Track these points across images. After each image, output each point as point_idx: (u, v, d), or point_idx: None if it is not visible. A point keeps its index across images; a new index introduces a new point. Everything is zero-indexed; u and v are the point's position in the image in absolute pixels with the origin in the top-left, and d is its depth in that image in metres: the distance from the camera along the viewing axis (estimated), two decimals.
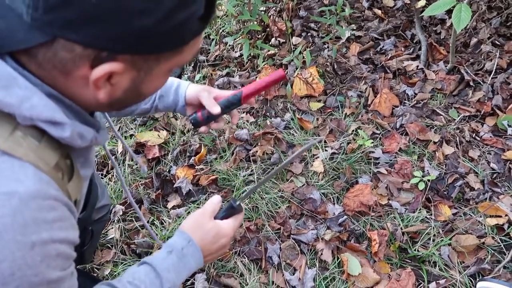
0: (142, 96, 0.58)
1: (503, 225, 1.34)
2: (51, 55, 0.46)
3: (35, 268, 0.46)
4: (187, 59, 0.55)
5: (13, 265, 0.44)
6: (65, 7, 0.43)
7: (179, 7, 0.46)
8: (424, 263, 1.28)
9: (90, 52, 0.46)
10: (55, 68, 0.47)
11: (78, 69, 0.47)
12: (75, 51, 0.45)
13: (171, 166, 1.59)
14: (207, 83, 1.88)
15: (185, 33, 0.50)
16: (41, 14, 0.43)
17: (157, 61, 0.51)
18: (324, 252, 1.31)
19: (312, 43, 2.03)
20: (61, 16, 0.43)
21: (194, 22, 0.50)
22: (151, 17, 0.45)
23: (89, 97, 0.52)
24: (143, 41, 0.47)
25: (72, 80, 0.49)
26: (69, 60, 0.46)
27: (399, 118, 1.69)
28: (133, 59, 0.49)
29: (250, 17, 1.72)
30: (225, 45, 2.04)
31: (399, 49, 2.01)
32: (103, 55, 0.46)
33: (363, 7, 2.24)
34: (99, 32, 0.44)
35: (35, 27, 0.44)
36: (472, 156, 1.56)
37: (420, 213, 1.40)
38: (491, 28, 1.99)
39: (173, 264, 0.73)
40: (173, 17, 0.46)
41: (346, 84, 1.85)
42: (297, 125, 1.68)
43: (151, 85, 0.56)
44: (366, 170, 1.53)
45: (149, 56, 0.50)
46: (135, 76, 0.51)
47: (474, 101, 1.74)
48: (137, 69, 0.50)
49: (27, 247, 0.45)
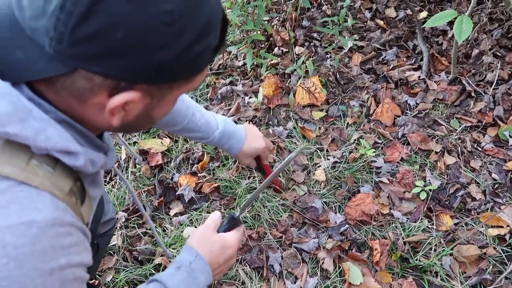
0: (152, 121, 0.60)
1: (504, 235, 1.35)
2: (69, 84, 0.47)
3: None
4: (197, 86, 0.58)
5: None
6: (91, 41, 0.44)
7: (197, 41, 0.49)
8: (426, 273, 1.28)
9: (109, 82, 0.47)
10: (71, 96, 0.48)
11: (95, 98, 0.49)
12: (94, 81, 0.47)
13: (174, 173, 1.60)
14: (210, 92, 1.90)
15: (199, 64, 0.52)
16: (65, 47, 0.44)
17: (170, 89, 0.53)
18: (326, 261, 1.31)
19: (314, 52, 2.05)
20: (85, 49, 0.44)
21: (209, 53, 0.52)
22: (171, 51, 0.47)
23: (102, 122, 0.53)
24: (161, 72, 0.49)
25: (87, 107, 0.50)
26: (87, 89, 0.47)
27: (401, 128, 1.70)
28: (149, 88, 0.50)
29: (253, 27, 1.74)
30: (228, 54, 2.06)
31: (401, 59, 2.02)
32: (122, 85, 0.48)
33: (366, 18, 2.27)
34: (121, 65, 0.46)
35: (57, 59, 0.45)
36: (473, 166, 1.57)
37: (422, 222, 1.40)
38: (493, 40, 2.01)
39: (183, 280, 0.73)
40: (190, 50, 0.49)
41: (348, 94, 1.86)
42: (299, 134, 1.70)
43: (161, 111, 0.58)
44: (368, 179, 1.54)
45: (164, 85, 0.52)
46: (148, 103, 0.53)
47: (476, 111, 1.75)
48: (151, 97, 0.52)
49: (46, 274, 0.46)
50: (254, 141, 1.15)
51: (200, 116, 1.07)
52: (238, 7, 1.76)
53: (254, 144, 1.14)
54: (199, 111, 1.07)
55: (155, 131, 1.77)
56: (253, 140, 1.15)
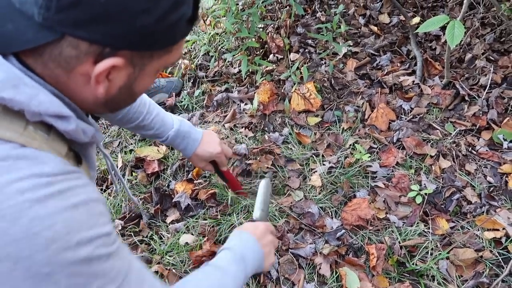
0: (133, 96, 0.63)
1: (500, 238, 1.35)
2: (57, 53, 0.50)
3: (86, 223, 0.50)
4: (173, 60, 0.62)
5: (66, 225, 0.48)
6: (76, 7, 0.47)
7: (173, 8, 0.53)
8: (423, 277, 1.28)
9: (94, 48, 0.51)
10: (59, 67, 0.52)
11: (81, 66, 0.52)
12: (80, 48, 0.50)
13: (170, 180, 1.60)
14: (206, 99, 1.90)
15: (176, 33, 0.57)
16: (53, 13, 0.47)
17: (151, 58, 0.57)
18: (323, 267, 1.31)
19: (309, 59, 2.06)
20: (72, 15, 0.48)
21: (183, 24, 0.56)
22: (151, 17, 0.51)
23: (88, 95, 0.57)
24: (143, 38, 0.53)
25: (73, 77, 0.53)
26: (74, 57, 0.51)
27: (396, 133, 1.71)
28: (131, 55, 0.54)
29: (248, 34, 1.75)
30: (224, 61, 2.07)
31: (395, 64, 2.04)
32: (106, 51, 0.51)
33: (359, 24, 2.29)
34: (105, 30, 0.49)
35: (46, 26, 0.48)
36: (468, 169, 1.58)
37: (418, 226, 1.40)
38: (485, 44, 2.03)
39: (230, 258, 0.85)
40: (168, 17, 0.53)
41: (343, 99, 1.88)
42: (295, 140, 1.70)
43: (142, 84, 0.61)
44: (364, 184, 1.54)
45: (145, 53, 0.56)
46: (130, 73, 0.57)
47: (470, 115, 1.76)
48: (133, 65, 0.56)
49: (72, 209, 0.49)
50: (209, 145, 1.19)
51: (156, 114, 1.09)
52: (233, 15, 1.77)
53: (208, 148, 1.18)
54: (155, 109, 1.09)
55: None
56: (208, 144, 1.19)
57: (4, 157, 0.47)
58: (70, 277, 0.48)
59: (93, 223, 0.52)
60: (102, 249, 0.52)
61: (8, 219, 0.45)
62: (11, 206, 0.45)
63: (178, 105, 1.93)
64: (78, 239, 0.48)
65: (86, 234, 0.50)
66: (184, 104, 1.92)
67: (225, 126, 1.77)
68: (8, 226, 0.45)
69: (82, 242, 0.49)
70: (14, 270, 0.45)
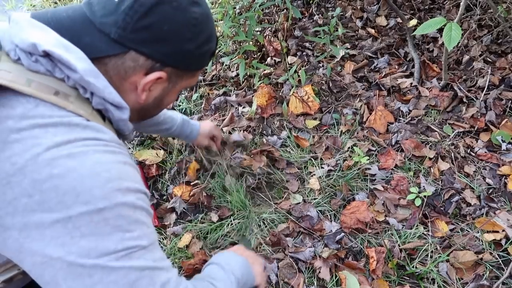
0: (160, 107, 0.79)
1: (500, 240, 1.34)
2: (119, 63, 0.66)
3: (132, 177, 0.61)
4: (192, 84, 0.80)
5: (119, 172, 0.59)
6: (146, 30, 0.64)
7: (206, 42, 0.73)
8: (423, 280, 1.28)
9: (149, 62, 0.67)
10: (117, 75, 0.67)
11: (134, 76, 0.67)
12: (138, 61, 0.66)
13: (168, 185, 1.59)
14: (204, 102, 1.90)
15: (204, 61, 0.76)
16: (128, 33, 0.63)
17: (181, 78, 0.75)
18: (322, 270, 1.30)
19: (307, 62, 2.06)
20: (141, 36, 0.64)
21: (208, 55, 0.76)
22: (192, 44, 0.70)
23: (130, 100, 0.71)
24: (183, 59, 0.70)
25: (125, 84, 0.68)
26: (131, 68, 0.66)
27: (395, 135, 1.71)
28: (171, 72, 0.71)
29: (245, 38, 1.75)
30: (221, 65, 2.07)
31: (393, 67, 2.04)
32: (156, 66, 0.68)
33: (357, 27, 2.29)
34: (161, 49, 0.67)
35: (118, 42, 0.64)
36: (467, 171, 1.57)
37: (417, 229, 1.40)
38: (482, 46, 2.03)
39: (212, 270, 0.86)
40: (202, 47, 0.72)
41: (341, 102, 1.87)
42: (293, 143, 1.70)
43: (169, 99, 0.78)
44: (363, 187, 1.54)
45: (180, 72, 0.73)
46: (165, 87, 0.74)
47: (468, 117, 1.76)
48: (169, 81, 0.73)
49: (122, 164, 0.61)
50: (205, 124, 1.47)
51: (165, 111, 1.31)
52: (230, 18, 1.77)
53: (205, 126, 1.46)
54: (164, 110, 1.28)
55: (149, 142, 1.76)
56: (204, 124, 1.47)
57: (77, 123, 0.60)
58: (118, 218, 0.57)
59: (137, 180, 0.62)
60: (143, 203, 0.62)
61: (76, 159, 0.56)
62: (79, 152, 0.57)
63: (176, 109, 1.93)
64: (127, 185, 0.59)
65: (133, 185, 0.60)
66: (182, 108, 1.92)
67: (224, 129, 1.76)
68: (76, 165, 0.56)
69: (130, 190, 0.59)
70: (75, 203, 0.54)
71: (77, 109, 0.61)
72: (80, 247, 0.55)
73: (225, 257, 0.89)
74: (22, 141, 0.55)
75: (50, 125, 0.57)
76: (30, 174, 0.54)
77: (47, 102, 0.59)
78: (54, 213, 0.54)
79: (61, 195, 0.54)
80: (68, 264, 0.54)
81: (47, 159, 0.55)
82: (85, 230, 0.55)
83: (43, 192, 0.54)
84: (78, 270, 0.55)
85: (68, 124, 0.59)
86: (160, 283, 0.61)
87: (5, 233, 0.55)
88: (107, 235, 0.56)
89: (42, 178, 0.54)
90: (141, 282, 0.58)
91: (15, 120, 0.56)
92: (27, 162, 0.54)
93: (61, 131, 0.58)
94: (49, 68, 0.61)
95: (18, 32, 0.61)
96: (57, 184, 0.54)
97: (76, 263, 0.54)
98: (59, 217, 0.54)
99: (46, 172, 0.54)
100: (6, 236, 0.55)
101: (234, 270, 0.85)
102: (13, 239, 0.55)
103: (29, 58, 0.60)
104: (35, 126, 0.56)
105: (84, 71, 0.61)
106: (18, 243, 0.55)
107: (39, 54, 0.60)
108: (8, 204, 0.54)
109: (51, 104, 0.59)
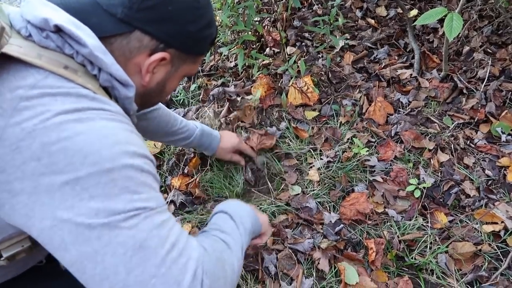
0: (163, 93, 0.80)
1: (499, 231, 1.34)
2: (125, 43, 0.68)
3: (139, 143, 0.63)
4: (193, 72, 0.82)
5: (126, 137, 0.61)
6: (152, 9, 0.67)
7: (207, 26, 0.75)
8: (422, 271, 1.28)
9: (153, 43, 0.69)
10: (122, 55, 0.69)
11: (139, 56, 0.70)
12: (143, 41, 0.69)
13: (167, 176, 1.58)
14: (202, 93, 1.88)
15: (204, 46, 0.78)
16: (134, 12, 0.66)
17: (184, 62, 0.77)
18: (321, 261, 1.30)
19: (306, 52, 2.04)
20: (147, 15, 0.67)
21: (209, 41, 0.78)
22: (195, 26, 0.73)
23: (135, 83, 0.72)
24: (186, 41, 0.73)
25: (129, 65, 0.70)
26: (136, 48, 0.69)
27: (394, 126, 1.70)
28: (174, 54, 0.73)
29: (244, 28, 1.73)
30: (220, 55, 2.05)
31: (392, 57, 2.02)
32: (160, 46, 0.70)
33: (357, 17, 2.27)
34: (166, 29, 0.69)
35: (124, 21, 0.66)
36: (467, 163, 1.57)
37: (417, 220, 1.40)
38: (483, 37, 2.01)
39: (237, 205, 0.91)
40: (204, 31, 0.75)
41: (340, 93, 1.86)
42: (292, 134, 1.69)
43: (172, 84, 0.80)
44: (362, 178, 1.53)
45: (183, 55, 0.75)
46: (168, 71, 0.76)
47: (468, 108, 1.75)
48: (172, 64, 0.75)
49: (129, 131, 0.63)
50: (229, 138, 1.43)
51: (181, 120, 1.30)
52: (229, 8, 1.75)
53: (230, 139, 1.43)
54: (179, 117, 1.30)
55: None
56: (228, 137, 1.44)
57: (85, 94, 0.61)
58: (125, 179, 0.57)
59: (144, 147, 0.64)
60: (150, 168, 0.63)
61: (85, 124, 0.58)
62: (87, 118, 0.58)
63: (174, 99, 1.91)
64: (134, 149, 0.60)
65: (140, 150, 0.61)
66: (180, 99, 1.90)
67: (221, 120, 1.75)
68: (84, 128, 0.57)
69: (137, 154, 0.60)
70: (83, 164, 0.55)
71: (85, 83, 0.63)
72: (89, 208, 0.55)
73: (233, 205, 0.90)
74: (31, 108, 0.56)
75: (59, 94, 0.59)
76: (39, 137, 0.55)
77: (56, 74, 0.61)
78: (63, 175, 0.55)
79: (70, 156, 0.55)
80: (77, 226, 0.55)
81: (56, 123, 0.56)
82: (94, 191, 0.55)
83: (51, 155, 0.55)
84: (87, 233, 0.55)
85: (76, 95, 0.60)
86: (169, 243, 0.59)
87: (14, 199, 0.56)
88: (115, 196, 0.56)
89: (51, 141, 0.55)
90: (150, 243, 0.57)
91: (25, 89, 0.58)
92: (36, 126, 0.55)
93: (70, 100, 0.59)
94: (59, 44, 0.63)
95: (30, 9, 0.63)
96: (65, 146, 0.55)
97: (85, 224, 0.55)
98: (67, 179, 0.55)
99: (54, 135, 0.55)
100: (15, 202, 0.56)
101: (243, 219, 0.86)
102: (23, 205, 0.56)
103: (40, 34, 0.62)
104: (45, 95, 0.58)
105: (94, 46, 0.63)
106: (27, 208, 0.56)
107: (50, 29, 0.62)
108: (16, 169, 0.55)
109: (60, 77, 0.61)
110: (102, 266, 0.55)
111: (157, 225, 0.59)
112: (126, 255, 0.55)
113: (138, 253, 0.56)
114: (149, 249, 0.57)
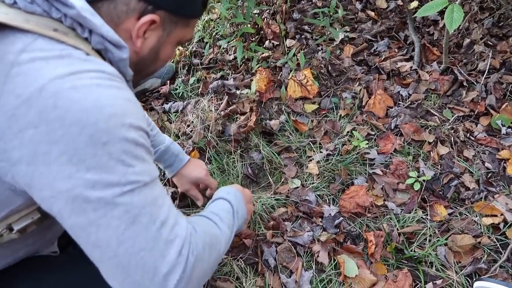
0: (157, 62, 0.78)
1: (498, 224, 1.34)
2: (112, 8, 0.66)
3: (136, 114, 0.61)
4: (188, 37, 0.78)
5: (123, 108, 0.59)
6: None
7: None
8: (421, 264, 1.28)
9: (140, 5, 0.66)
10: (110, 21, 0.66)
11: (127, 20, 0.67)
12: (130, 4, 0.66)
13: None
14: (201, 86, 1.87)
15: (195, 8, 0.74)
16: None
17: (175, 26, 0.73)
18: (321, 254, 1.30)
19: (306, 45, 2.03)
20: None
21: (200, 2, 0.74)
22: None
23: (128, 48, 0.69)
24: (175, 1, 0.69)
25: (119, 31, 0.67)
26: (124, 12, 0.66)
27: (394, 119, 1.69)
28: (165, 17, 0.70)
29: (243, 20, 1.71)
30: (219, 48, 2.03)
31: (392, 50, 2.01)
32: (149, 8, 0.67)
33: (356, 9, 2.25)
34: None
35: None
36: (466, 156, 1.56)
37: (416, 213, 1.40)
38: (484, 29, 2.00)
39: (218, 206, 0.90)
40: None
41: (340, 86, 1.85)
42: (292, 127, 1.68)
43: (165, 52, 0.76)
44: (362, 171, 1.53)
45: (173, 18, 0.71)
46: (160, 36, 0.73)
47: (468, 101, 1.74)
48: (163, 28, 0.72)
49: (127, 100, 0.61)
50: (195, 168, 1.29)
51: (154, 128, 1.21)
52: (227, 0, 1.73)
53: (194, 170, 1.28)
54: (154, 125, 1.23)
55: None
56: (194, 167, 1.30)
57: (77, 56, 0.60)
58: (121, 153, 0.58)
59: (141, 117, 0.63)
60: (145, 141, 0.63)
61: (81, 92, 0.56)
62: (83, 85, 0.57)
63: (173, 93, 1.90)
64: (130, 121, 0.59)
65: (136, 122, 0.60)
66: (179, 92, 1.89)
67: (221, 113, 1.74)
68: (80, 97, 0.56)
69: (133, 126, 0.60)
70: (80, 135, 0.55)
71: (77, 44, 0.61)
72: (85, 180, 0.56)
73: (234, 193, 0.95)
74: (24, 74, 0.56)
75: (51, 57, 0.58)
76: (35, 105, 0.55)
77: (46, 37, 0.59)
78: (60, 145, 0.55)
79: (67, 126, 0.55)
80: (74, 198, 0.56)
81: (51, 91, 0.55)
82: (90, 163, 0.56)
83: (49, 123, 0.55)
84: (83, 205, 0.56)
85: (68, 57, 0.59)
86: (159, 221, 0.61)
87: (13, 168, 0.57)
88: (111, 169, 0.57)
89: (48, 109, 0.55)
90: (142, 219, 0.59)
91: (15, 54, 0.57)
92: (31, 94, 0.55)
93: (63, 63, 0.58)
94: (46, 8, 0.61)
95: None
96: (62, 115, 0.55)
97: (82, 196, 0.56)
98: (64, 150, 0.55)
99: (51, 103, 0.55)
100: (14, 171, 0.57)
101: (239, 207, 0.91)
102: (22, 174, 0.57)
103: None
104: (36, 59, 0.57)
105: (81, 7, 0.61)
106: (27, 178, 0.57)
107: None
108: (14, 137, 0.55)
109: (50, 39, 0.60)
110: (95, 236, 0.57)
111: (150, 203, 0.61)
112: (119, 228, 0.58)
113: (130, 228, 0.58)
114: (141, 224, 0.59)
